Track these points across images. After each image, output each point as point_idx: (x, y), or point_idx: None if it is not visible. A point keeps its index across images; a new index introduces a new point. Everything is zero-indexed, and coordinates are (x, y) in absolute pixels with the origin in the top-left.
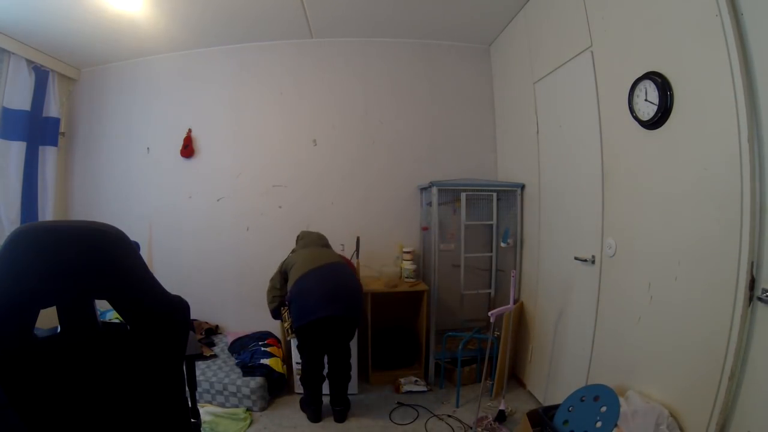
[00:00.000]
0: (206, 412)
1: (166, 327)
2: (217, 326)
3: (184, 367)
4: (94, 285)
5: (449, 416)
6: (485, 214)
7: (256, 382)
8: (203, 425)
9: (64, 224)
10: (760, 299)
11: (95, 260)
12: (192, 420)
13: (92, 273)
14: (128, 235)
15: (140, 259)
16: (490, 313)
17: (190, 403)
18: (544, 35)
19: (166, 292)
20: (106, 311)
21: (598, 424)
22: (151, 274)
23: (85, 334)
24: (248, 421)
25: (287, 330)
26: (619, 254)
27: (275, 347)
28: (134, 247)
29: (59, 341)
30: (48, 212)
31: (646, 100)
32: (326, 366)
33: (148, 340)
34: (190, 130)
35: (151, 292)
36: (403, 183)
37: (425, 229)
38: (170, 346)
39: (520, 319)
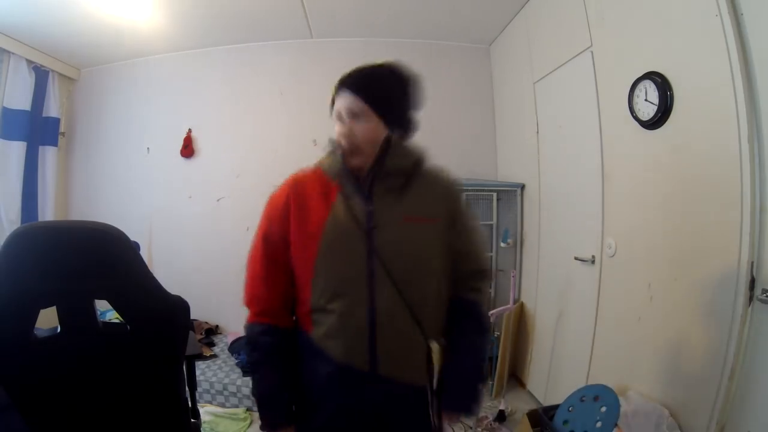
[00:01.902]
0: (206, 412)
1: (166, 327)
2: (217, 326)
3: (184, 367)
4: (94, 285)
5: None
6: (485, 214)
7: None
8: (203, 425)
9: (64, 224)
10: (760, 299)
11: (95, 260)
12: (192, 420)
13: (92, 273)
14: (128, 235)
15: (140, 260)
16: (490, 313)
17: (190, 403)
18: (544, 35)
19: (166, 292)
20: (106, 311)
21: (598, 424)
22: (151, 274)
23: (85, 334)
24: (248, 421)
25: None
26: (619, 254)
27: None
28: (134, 247)
29: (59, 341)
30: (48, 212)
31: (646, 100)
32: None
33: (148, 340)
34: (190, 130)
35: (151, 293)
36: None
37: None
38: (170, 346)
39: (520, 319)
